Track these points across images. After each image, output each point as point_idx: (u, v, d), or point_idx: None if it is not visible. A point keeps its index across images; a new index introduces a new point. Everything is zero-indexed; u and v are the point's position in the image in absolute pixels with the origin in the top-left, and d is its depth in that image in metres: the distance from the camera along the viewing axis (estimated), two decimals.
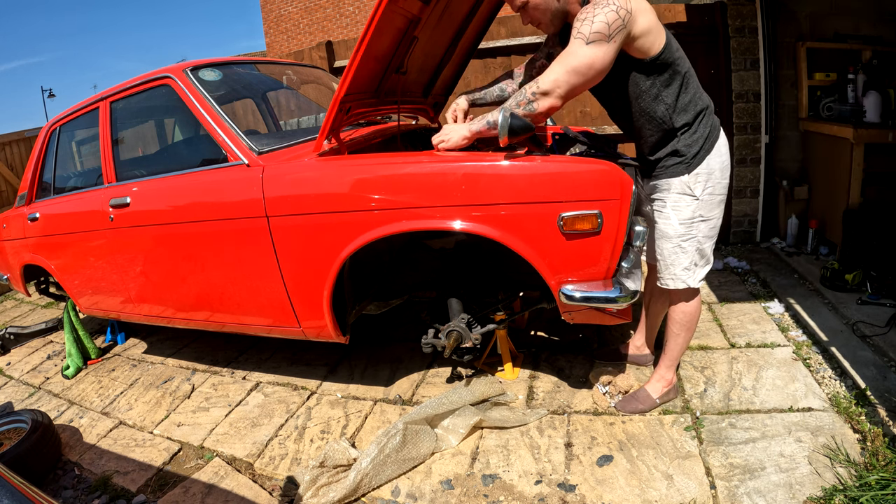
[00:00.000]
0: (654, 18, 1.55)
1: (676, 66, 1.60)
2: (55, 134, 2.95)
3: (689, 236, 1.73)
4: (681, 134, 1.67)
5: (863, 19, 3.29)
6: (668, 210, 1.74)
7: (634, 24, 1.49)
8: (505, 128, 1.52)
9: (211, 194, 2.13)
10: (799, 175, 3.63)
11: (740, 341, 2.38)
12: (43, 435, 2.13)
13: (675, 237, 1.74)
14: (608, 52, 1.49)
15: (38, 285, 3.47)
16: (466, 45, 2.44)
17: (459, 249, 2.17)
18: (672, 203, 1.72)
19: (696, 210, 1.70)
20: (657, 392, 1.96)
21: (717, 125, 1.72)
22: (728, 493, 1.55)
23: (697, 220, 1.71)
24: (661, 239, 1.78)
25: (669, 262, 1.77)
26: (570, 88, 1.54)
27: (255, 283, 2.10)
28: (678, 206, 1.71)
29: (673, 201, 1.72)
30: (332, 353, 2.73)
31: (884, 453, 1.55)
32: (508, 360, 2.29)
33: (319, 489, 1.72)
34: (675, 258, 1.76)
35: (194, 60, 2.41)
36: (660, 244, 1.79)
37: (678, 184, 1.70)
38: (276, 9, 13.05)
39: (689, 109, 1.65)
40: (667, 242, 1.76)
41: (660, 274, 1.83)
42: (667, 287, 1.82)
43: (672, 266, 1.77)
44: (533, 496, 1.65)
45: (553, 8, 1.64)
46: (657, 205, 1.78)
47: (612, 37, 1.47)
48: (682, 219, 1.72)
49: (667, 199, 1.73)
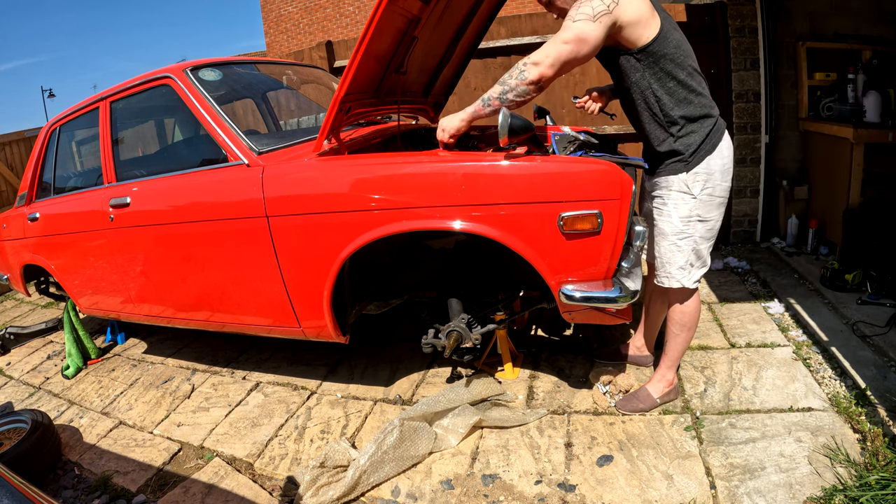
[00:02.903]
0: (647, 11, 1.60)
1: (670, 60, 1.63)
2: (55, 134, 2.95)
3: (686, 235, 1.75)
4: (677, 131, 1.69)
5: (863, 19, 3.29)
6: (665, 207, 1.76)
7: (622, 13, 1.56)
8: (505, 127, 1.52)
9: (211, 194, 2.13)
10: (799, 175, 3.63)
11: (740, 341, 2.38)
12: (43, 435, 2.13)
13: (671, 235, 1.76)
14: (595, 29, 1.56)
15: (38, 285, 3.47)
16: (466, 45, 2.45)
17: (459, 249, 2.17)
18: (670, 201, 1.74)
19: (694, 209, 1.72)
20: (658, 392, 1.97)
21: (722, 128, 1.74)
22: (728, 493, 1.55)
23: (694, 220, 1.73)
24: (659, 236, 1.80)
25: (665, 261, 1.80)
26: (557, 58, 1.60)
27: (255, 283, 2.10)
28: (676, 204, 1.73)
29: (671, 199, 1.74)
30: (332, 353, 2.73)
31: (884, 453, 1.55)
32: (508, 359, 2.29)
33: (319, 489, 1.72)
34: (671, 256, 1.78)
35: (194, 60, 2.41)
36: (657, 241, 1.81)
37: (676, 182, 1.72)
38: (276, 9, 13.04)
39: (684, 107, 1.66)
40: (663, 240, 1.78)
41: (657, 272, 1.85)
42: (662, 285, 1.84)
43: (668, 265, 1.79)
44: (533, 496, 1.65)
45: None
46: (657, 202, 1.79)
47: (596, 18, 1.56)
48: (679, 217, 1.74)
49: (665, 196, 1.75)
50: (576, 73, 3.89)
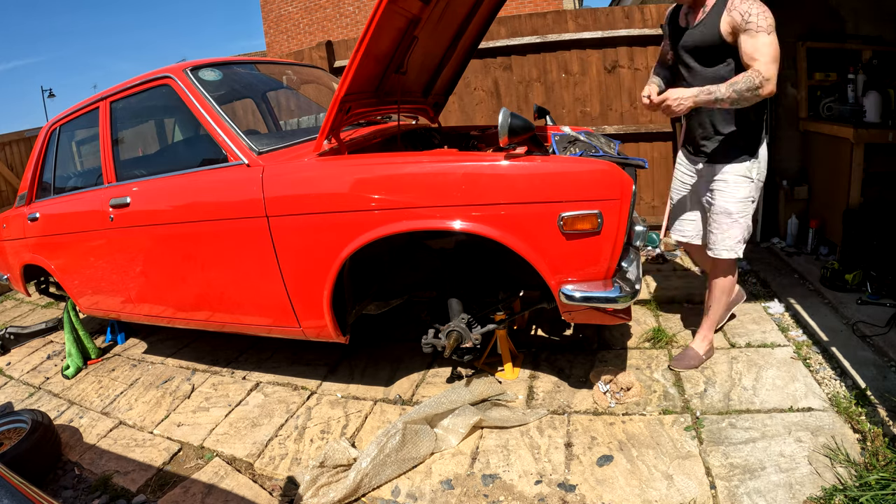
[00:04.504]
0: None
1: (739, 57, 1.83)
2: (55, 134, 2.95)
3: (744, 213, 2.02)
4: (754, 120, 1.92)
5: (863, 19, 3.29)
6: (728, 189, 1.99)
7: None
8: (505, 127, 1.52)
9: (211, 194, 2.13)
10: (799, 175, 3.62)
11: (740, 341, 2.38)
12: (43, 435, 2.13)
13: (735, 213, 2.01)
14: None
15: (38, 285, 3.47)
16: (466, 45, 2.45)
17: (459, 249, 2.17)
18: (734, 184, 1.98)
19: (752, 191, 1.99)
20: (703, 349, 2.21)
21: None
22: (728, 493, 1.55)
23: (749, 201, 2.01)
24: (721, 215, 2.03)
25: (727, 235, 2.03)
26: (774, 76, 1.76)
27: (255, 283, 2.10)
28: (738, 186, 1.98)
29: (735, 182, 1.98)
30: (332, 353, 2.73)
31: (884, 453, 1.55)
32: (508, 360, 2.29)
33: (319, 489, 1.72)
34: (731, 231, 2.03)
35: (194, 60, 2.41)
36: (718, 220, 2.04)
37: (742, 168, 1.96)
38: (276, 9, 13.04)
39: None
40: (727, 218, 2.02)
41: (713, 246, 2.08)
42: (720, 257, 2.07)
43: (728, 239, 2.04)
44: (533, 496, 1.65)
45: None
46: (719, 184, 2.01)
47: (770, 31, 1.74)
48: (740, 197, 1.99)
49: (730, 180, 1.99)
50: (576, 73, 3.90)
